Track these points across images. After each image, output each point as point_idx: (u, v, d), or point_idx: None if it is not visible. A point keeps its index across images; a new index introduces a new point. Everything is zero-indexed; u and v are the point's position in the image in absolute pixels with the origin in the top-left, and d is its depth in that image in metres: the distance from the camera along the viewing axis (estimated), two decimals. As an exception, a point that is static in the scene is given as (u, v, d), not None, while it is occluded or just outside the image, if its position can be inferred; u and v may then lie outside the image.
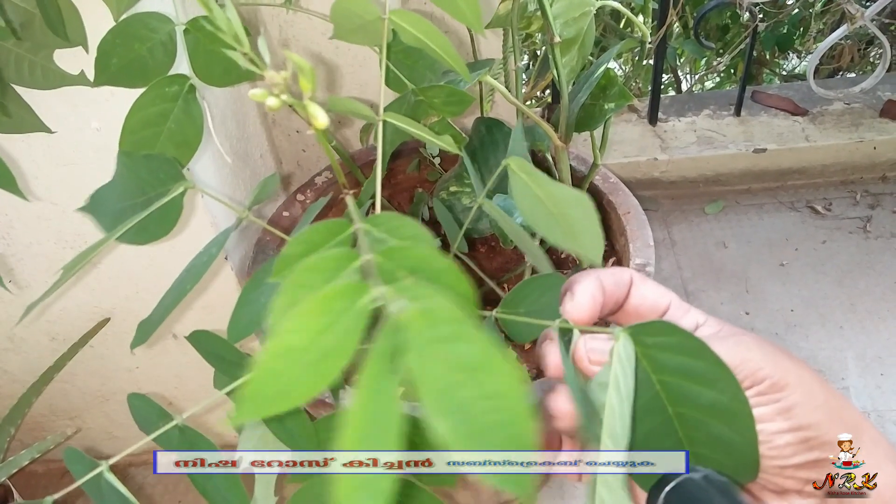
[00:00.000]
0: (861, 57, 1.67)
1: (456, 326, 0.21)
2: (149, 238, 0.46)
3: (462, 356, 0.21)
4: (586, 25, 0.67)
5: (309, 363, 0.22)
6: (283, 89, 0.27)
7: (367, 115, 0.44)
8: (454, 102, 0.56)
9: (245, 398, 0.21)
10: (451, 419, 0.21)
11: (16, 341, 0.90)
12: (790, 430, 0.31)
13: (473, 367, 0.21)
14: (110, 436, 1.08)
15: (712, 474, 0.31)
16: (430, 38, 0.47)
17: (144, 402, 0.41)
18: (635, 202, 0.82)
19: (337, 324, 0.22)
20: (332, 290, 0.23)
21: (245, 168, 0.89)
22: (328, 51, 0.95)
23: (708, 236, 1.29)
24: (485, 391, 0.21)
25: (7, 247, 0.79)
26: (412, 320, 0.21)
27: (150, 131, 0.48)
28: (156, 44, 0.49)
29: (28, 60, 0.58)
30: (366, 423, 0.20)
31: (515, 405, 0.21)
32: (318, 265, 0.26)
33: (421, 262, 0.27)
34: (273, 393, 0.21)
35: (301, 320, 0.22)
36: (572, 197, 0.39)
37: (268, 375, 0.21)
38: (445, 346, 0.21)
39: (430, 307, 0.22)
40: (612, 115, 0.69)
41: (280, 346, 0.22)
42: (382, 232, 0.31)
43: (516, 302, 0.43)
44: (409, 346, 0.21)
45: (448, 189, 0.79)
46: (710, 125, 1.36)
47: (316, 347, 0.22)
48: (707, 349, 0.29)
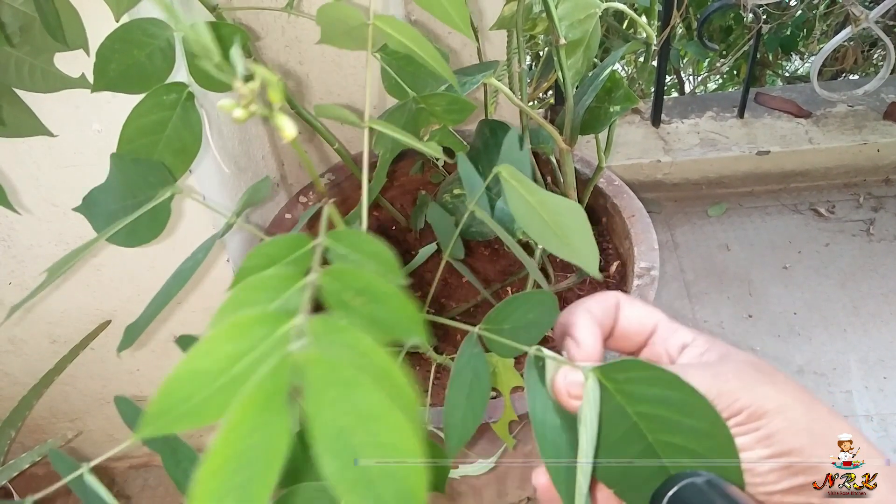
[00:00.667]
0: (865, 59, 1.66)
1: (355, 374, 0.21)
2: (139, 241, 0.45)
3: (358, 403, 0.21)
4: (592, 27, 0.67)
5: (218, 387, 0.21)
6: (251, 100, 0.27)
7: (353, 121, 0.44)
8: (455, 110, 0.56)
9: (148, 414, 0.21)
10: (339, 461, 0.21)
11: (16, 343, 0.90)
12: (772, 456, 0.31)
13: (368, 415, 0.21)
14: (111, 438, 1.08)
15: (715, 478, 0.31)
16: (416, 43, 0.46)
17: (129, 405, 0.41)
18: (640, 205, 0.82)
19: (251, 351, 0.22)
20: (250, 316, 0.22)
21: (247, 170, 0.88)
22: (330, 52, 0.95)
23: (711, 239, 1.29)
24: (378, 440, 0.21)
25: (8, 248, 0.78)
26: (311, 362, 0.21)
27: (147, 139, 0.48)
28: (155, 50, 0.49)
29: (28, 64, 0.57)
30: (239, 459, 0.20)
31: (407, 456, 0.21)
32: (261, 283, 0.26)
33: (367, 285, 0.27)
34: (178, 413, 0.21)
35: (213, 344, 0.22)
36: (565, 205, 0.39)
37: (172, 396, 0.21)
38: (343, 390, 0.21)
39: (330, 353, 0.21)
40: (617, 118, 0.69)
41: (188, 369, 0.21)
42: (344, 247, 0.31)
43: (501, 318, 0.42)
44: (305, 383, 0.21)
45: (451, 192, 0.79)
46: (714, 127, 1.36)
47: (227, 372, 0.21)
48: (680, 381, 0.30)
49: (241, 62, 0.26)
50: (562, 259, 0.89)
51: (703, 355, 0.35)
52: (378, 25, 0.47)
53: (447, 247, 0.58)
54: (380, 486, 0.21)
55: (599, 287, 0.87)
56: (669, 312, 0.38)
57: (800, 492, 0.31)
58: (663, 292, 1.21)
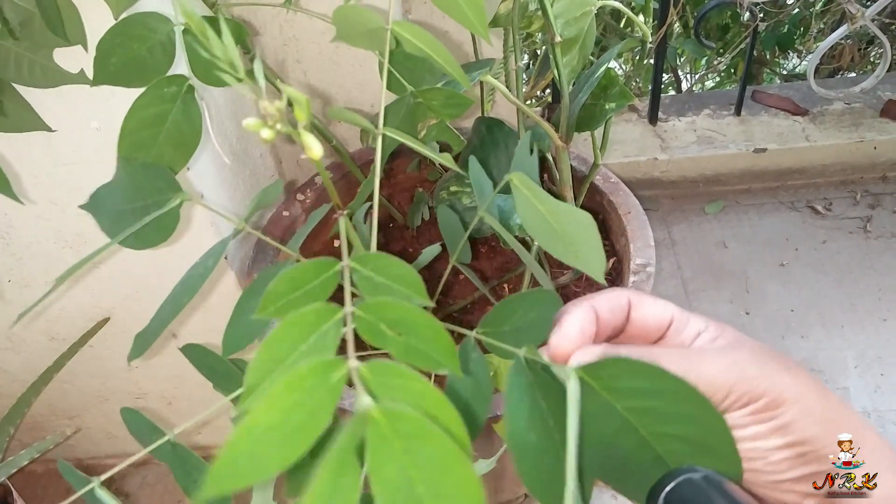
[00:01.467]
0: (861, 57, 1.67)
1: (419, 426, 0.21)
2: (147, 244, 0.46)
3: (423, 454, 0.21)
4: (587, 25, 0.67)
5: (279, 440, 0.22)
6: (278, 119, 0.27)
7: (367, 127, 0.44)
8: (453, 105, 0.56)
9: (215, 474, 0.22)
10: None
11: (15, 341, 0.90)
12: (786, 446, 0.31)
13: (432, 466, 0.21)
14: (109, 435, 1.08)
15: (712, 474, 0.30)
16: (432, 48, 0.47)
17: (136, 416, 0.42)
18: (636, 202, 0.82)
19: (307, 401, 0.23)
20: (304, 368, 0.23)
21: (244, 168, 0.88)
22: (328, 50, 0.95)
23: (708, 236, 1.29)
24: (442, 490, 0.21)
25: (7, 246, 0.79)
26: (376, 417, 0.22)
27: (148, 132, 0.48)
28: (155, 44, 0.49)
29: (28, 59, 0.58)
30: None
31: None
32: (299, 319, 0.27)
33: (402, 317, 0.28)
34: (242, 469, 0.22)
35: (272, 400, 0.22)
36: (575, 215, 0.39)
37: (238, 453, 0.22)
38: (406, 443, 0.21)
39: (396, 408, 0.22)
40: (612, 115, 0.69)
41: (251, 426, 0.22)
42: (369, 270, 0.31)
43: (500, 320, 0.41)
44: (369, 439, 0.21)
45: (448, 189, 0.79)
46: (711, 125, 1.36)
47: (286, 425, 0.22)
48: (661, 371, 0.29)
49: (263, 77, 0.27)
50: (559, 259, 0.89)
51: (715, 340, 0.35)
52: (396, 30, 0.48)
53: (455, 250, 0.58)
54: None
55: (596, 284, 0.88)
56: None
57: (810, 480, 0.31)
58: (660, 289, 1.21)
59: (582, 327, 0.35)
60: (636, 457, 0.32)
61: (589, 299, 0.36)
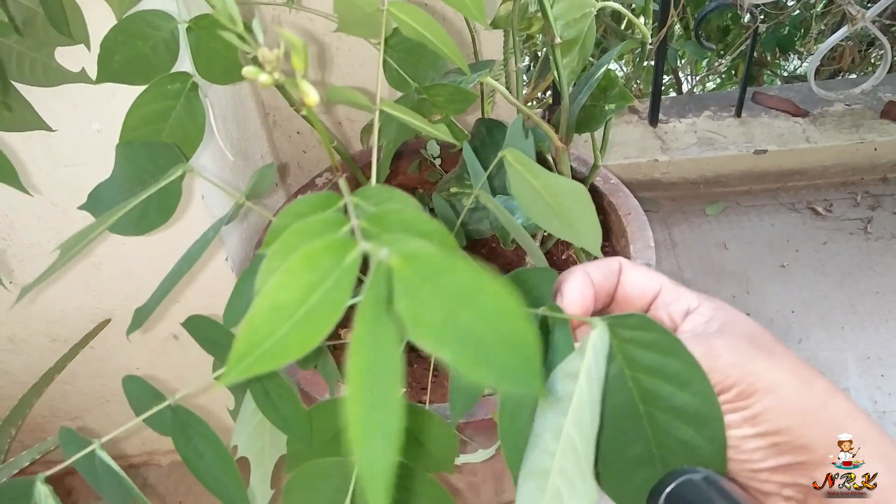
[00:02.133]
0: (862, 58, 1.67)
1: (440, 263, 0.21)
2: (149, 226, 0.46)
3: (453, 286, 0.21)
4: (587, 27, 0.67)
5: (298, 320, 0.21)
6: (276, 67, 0.27)
7: (364, 105, 0.44)
8: (457, 100, 0.57)
9: (234, 356, 0.21)
10: (454, 346, 0.21)
11: (16, 342, 0.90)
12: (757, 435, 0.31)
13: (467, 294, 0.21)
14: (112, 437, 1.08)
15: (713, 475, 0.30)
16: (429, 29, 0.47)
17: (139, 383, 0.41)
18: (636, 203, 0.82)
19: (325, 280, 0.22)
20: (319, 245, 0.22)
21: (245, 169, 0.89)
22: (329, 50, 0.95)
23: (709, 237, 1.29)
24: (482, 312, 0.21)
25: (8, 247, 0.79)
26: (398, 264, 0.21)
27: (150, 128, 0.48)
28: (158, 41, 0.49)
29: (29, 57, 0.58)
30: (368, 372, 0.20)
31: (515, 318, 0.21)
32: (305, 229, 0.26)
33: (409, 226, 0.27)
34: (263, 351, 0.21)
35: (288, 276, 0.22)
36: (570, 188, 0.39)
37: (256, 333, 0.21)
38: (435, 281, 0.21)
39: (413, 250, 0.22)
40: (612, 117, 0.69)
41: (267, 303, 0.21)
42: (371, 204, 0.31)
43: None
44: (399, 289, 0.21)
45: (448, 190, 0.79)
46: (711, 126, 1.36)
47: (304, 304, 0.22)
48: (682, 348, 0.29)
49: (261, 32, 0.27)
50: (559, 258, 0.90)
51: (707, 323, 0.34)
52: (392, 12, 0.48)
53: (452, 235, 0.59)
54: (499, 349, 0.21)
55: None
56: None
57: (787, 471, 0.31)
58: (661, 291, 1.21)
59: (581, 292, 0.35)
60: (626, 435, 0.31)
61: (583, 266, 0.37)
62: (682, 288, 0.37)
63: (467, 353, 0.21)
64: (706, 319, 0.35)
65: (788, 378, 0.31)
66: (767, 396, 0.30)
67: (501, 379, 0.21)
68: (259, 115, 0.96)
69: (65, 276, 0.82)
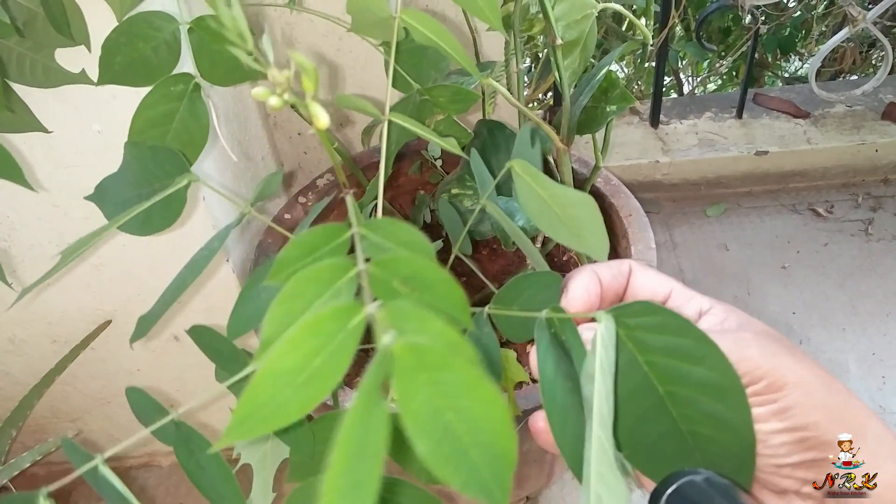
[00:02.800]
0: (863, 59, 1.67)
1: (441, 358, 0.22)
2: (152, 229, 0.46)
3: (448, 383, 0.22)
4: (588, 28, 0.67)
5: (299, 384, 0.22)
6: (286, 88, 0.27)
7: (374, 113, 0.44)
8: (459, 100, 0.57)
9: (236, 420, 0.22)
10: (433, 440, 0.21)
11: (17, 343, 0.90)
12: (785, 430, 0.30)
13: (458, 393, 0.22)
14: (112, 438, 1.08)
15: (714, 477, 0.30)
16: (440, 36, 0.47)
17: (142, 396, 0.41)
18: (637, 205, 0.82)
19: (328, 345, 0.23)
20: (324, 312, 0.23)
21: (247, 171, 0.89)
22: (330, 52, 0.95)
23: (709, 239, 1.29)
24: (469, 415, 0.22)
25: (9, 248, 0.79)
26: (401, 351, 0.22)
27: (156, 131, 0.48)
28: (160, 43, 0.49)
29: (30, 59, 0.58)
30: (352, 456, 0.20)
31: (498, 428, 0.22)
32: (312, 275, 0.27)
33: (415, 272, 0.27)
34: (264, 414, 0.22)
35: (292, 343, 0.22)
36: (577, 198, 0.39)
37: (259, 398, 0.22)
38: (431, 374, 0.22)
39: (418, 341, 0.22)
40: (613, 118, 0.69)
41: (271, 370, 0.22)
42: (379, 237, 0.31)
43: (510, 299, 0.42)
44: (397, 372, 0.22)
45: (450, 192, 0.79)
46: (712, 127, 1.36)
47: (306, 369, 0.22)
48: (691, 327, 0.29)
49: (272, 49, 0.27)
50: (560, 260, 0.89)
51: (722, 322, 0.34)
52: (404, 19, 0.48)
53: (457, 242, 0.59)
54: (474, 456, 0.22)
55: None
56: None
57: (810, 467, 0.30)
58: (662, 292, 1.21)
59: (587, 290, 0.35)
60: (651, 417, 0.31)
61: (591, 266, 0.37)
62: (692, 291, 0.37)
63: (442, 450, 0.21)
64: (720, 320, 0.35)
65: (812, 375, 0.31)
66: (796, 390, 0.30)
67: (467, 485, 0.22)
68: (260, 115, 0.96)
69: (66, 278, 0.82)
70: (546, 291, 0.40)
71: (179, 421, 0.40)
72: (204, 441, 0.40)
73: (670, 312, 0.29)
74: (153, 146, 0.46)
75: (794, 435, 0.30)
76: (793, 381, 0.30)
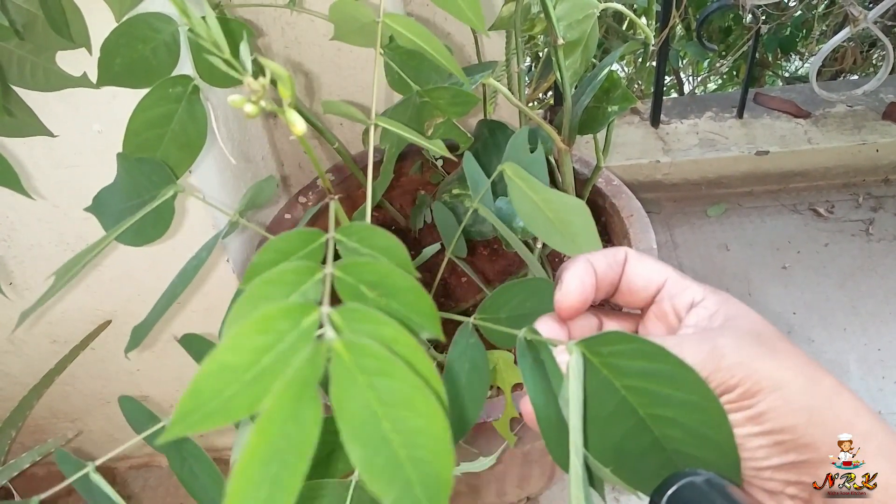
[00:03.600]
0: (864, 59, 1.66)
1: (383, 363, 0.21)
2: (146, 239, 0.46)
3: (387, 390, 0.21)
4: (590, 28, 0.67)
5: (246, 382, 0.21)
6: (261, 96, 0.27)
7: (360, 118, 0.44)
8: (459, 103, 0.56)
9: (179, 414, 0.21)
10: (367, 448, 0.21)
11: (16, 344, 0.90)
12: (762, 434, 0.30)
13: (398, 401, 0.21)
14: (111, 438, 1.08)
15: (714, 477, 0.30)
16: (424, 40, 0.47)
17: (133, 404, 0.41)
18: (638, 205, 0.82)
19: (278, 343, 0.22)
20: (273, 309, 0.22)
21: (247, 171, 0.88)
22: (330, 52, 0.95)
23: (710, 239, 1.29)
24: (407, 426, 0.21)
25: (8, 249, 0.79)
26: (341, 350, 0.21)
27: (153, 133, 0.48)
28: (159, 44, 0.49)
29: (30, 62, 0.57)
30: (270, 446, 0.20)
31: (437, 444, 0.21)
32: (278, 277, 0.26)
33: (382, 278, 0.27)
34: (209, 409, 0.21)
35: (240, 339, 0.22)
36: (570, 204, 0.39)
37: (203, 393, 0.21)
38: (372, 378, 0.21)
39: (360, 341, 0.21)
40: (615, 118, 0.69)
41: (216, 364, 0.21)
42: (354, 241, 0.31)
43: (497, 306, 0.42)
44: (334, 372, 0.21)
45: (451, 192, 0.79)
46: (713, 127, 1.36)
47: (254, 366, 0.21)
48: (666, 353, 0.29)
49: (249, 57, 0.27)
50: (561, 259, 0.89)
51: (711, 317, 0.34)
52: (388, 23, 0.47)
53: (450, 244, 0.59)
54: (409, 471, 0.21)
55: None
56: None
57: (791, 469, 0.30)
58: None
59: (582, 281, 0.35)
60: (634, 438, 0.31)
61: (586, 255, 0.36)
62: (688, 280, 0.36)
63: (376, 461, 0.21)
64: (710, 313, 0.34)
65: (793, 376, 0.31)
66: (772, 395, 0.30)
67: (399, 501, 0.21)
68: (260, 115, 0.96)
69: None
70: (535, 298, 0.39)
71: None
72: (196, 448, 0.40)
73: (644, 340, 0.30)
74: (140, 158, 0.46)
75: (770, 438, 0.30)
76: (767, 386, 0.30)
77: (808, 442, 0.30)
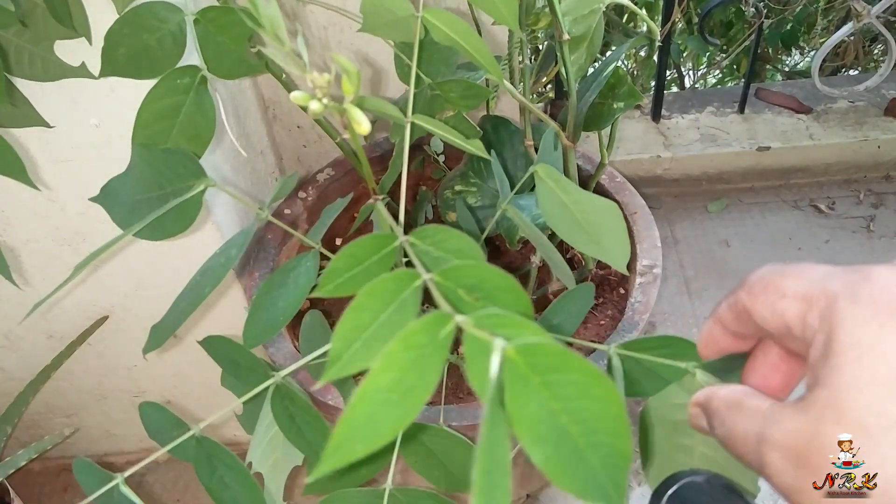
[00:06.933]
0: (866, 54, 1.66)
1: (557, 357, 0.21)
2: (165, 235, 0.45)
3: (560, 385, 0.21)
4: (595, 23, 0.66)
5: (395, 401, 0.21)
6: (326, 93, 0.26)
7: (397, 118, 0.43)
8: (471, 96, 0.56)
9: (333, 445, 0.21)
10: (548, 447, 0.21)
11: (13, 339, 0.89)
12: None
13: (571, 394, 0.21)
14: (108, 434, 1.07)
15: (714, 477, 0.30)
16: (464, 37, 0.46)
17: (157, 410, 0.40)
18: (642, 202, 0.81)
19: (420, 358, 0.22)
20: (415, 325, 0.22)
21: (246, 164, 0.87)
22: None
23: (711, 234, 1.29)
24: (584, 415, 0.21)
25: (4, 243, 0.78)
26: (513, 355, 0.21)
27: (162, 125, 0.47)
28: (165, 34, 0.48)
29: (28, 51, 0.56)
30: (487, 474, 0.20)
31: (616, 423, 0.21)
32: (377, 288, 0.26)
33: (480, 281, 0.27)
34: (362, 436, 0.21)
35: (389, 359, 0.22)
36: (601, 204, 0.39)
37: (358, 419, 0.21)
38: (543, 376, 0.21)
39: (530, 342, 0.21)
40: (620, 115, 0.68)
41: (370, 388, 0.21)
42: (428, 245, 0.31)
43: (552, 315, 0.43)
44: (508, 380, 0.21)
45: (453, 188, 0.78)
46: (714, 122, 1.35)
47: (401, 385, 0.22)
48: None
49: (306, 52, 0.26)
50: (563, 257, 0.89)
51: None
52: (428, 18, 0.46)
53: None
54: (591, 459, 0.21)
55: (601, 285, 0.87)
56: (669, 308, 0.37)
57: None
58: (663, 288, 1.21)
59: (710, 335, 0.34)
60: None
61: (713, 312, 0.34)
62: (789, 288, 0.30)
63: (560, 458, 0.21)
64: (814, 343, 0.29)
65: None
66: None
67: (586, 490, 0.21)
68: (259, 108, 0.95)
69: (62, 273, 0.81)
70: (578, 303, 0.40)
71: (202, 436, 0.38)
72: (229, 457, 0.38)
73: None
74: (166, 148, 0.45)
75: None
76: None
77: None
